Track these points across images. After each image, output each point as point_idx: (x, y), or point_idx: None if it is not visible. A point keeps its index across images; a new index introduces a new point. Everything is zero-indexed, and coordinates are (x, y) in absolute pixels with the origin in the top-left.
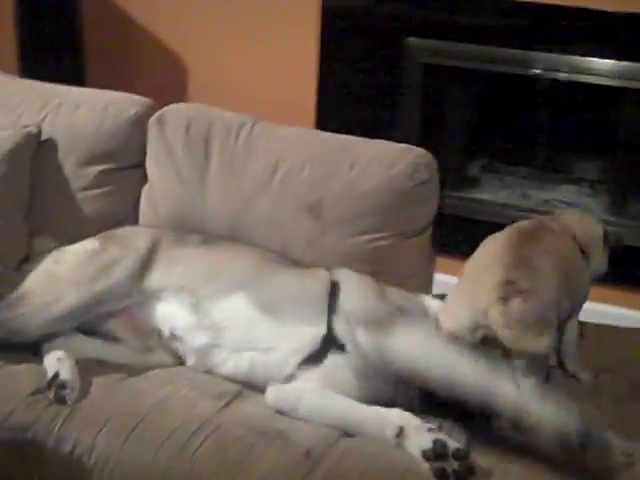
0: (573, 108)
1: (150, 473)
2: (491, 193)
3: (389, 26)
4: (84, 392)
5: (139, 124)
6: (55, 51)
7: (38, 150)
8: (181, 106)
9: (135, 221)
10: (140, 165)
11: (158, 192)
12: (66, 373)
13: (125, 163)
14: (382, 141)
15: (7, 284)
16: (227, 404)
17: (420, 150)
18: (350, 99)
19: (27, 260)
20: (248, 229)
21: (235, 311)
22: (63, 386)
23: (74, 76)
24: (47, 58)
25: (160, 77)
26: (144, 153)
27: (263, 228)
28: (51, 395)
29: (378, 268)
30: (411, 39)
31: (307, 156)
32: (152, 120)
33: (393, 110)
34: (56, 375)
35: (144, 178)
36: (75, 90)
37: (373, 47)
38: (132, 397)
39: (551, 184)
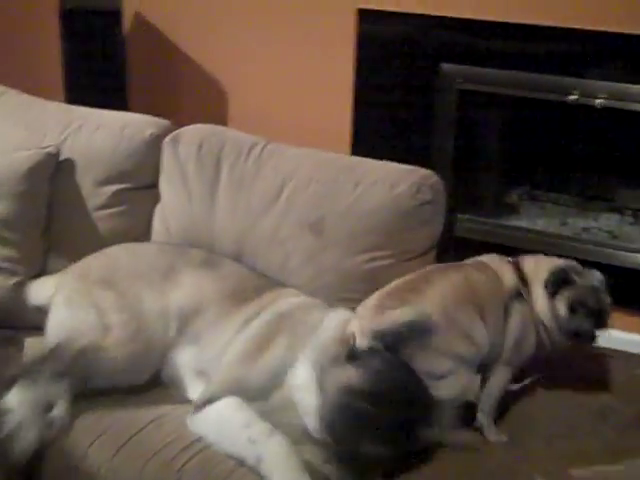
0: (614, 135)
1: None
2: (529, 221)
3: (424, 52)
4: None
5: (154, 145)
6: (99, 78)
7: (58, 169)
8: (196, 126)
9: (148, 239)
10: (154, 185)
11: (169, 209)
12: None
13: (140, 183)
14: (389, 163)
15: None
16: None
17: (426, 171)
18: (385, 125)
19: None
20: (252, 246)
21: None
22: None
23: (118, 102)
24: (92, 85)
25: (202, 103)
26: (158, 174)
27: (266, 245)
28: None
29: (377, 287)
30: (446, 65)
31: (313, 175)
32: (167, 140)
33: (428, 136)
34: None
35: (158, 198)
36: (97, 112)
37: (408, 73)
38: (130, 412)
39: (592, 212)
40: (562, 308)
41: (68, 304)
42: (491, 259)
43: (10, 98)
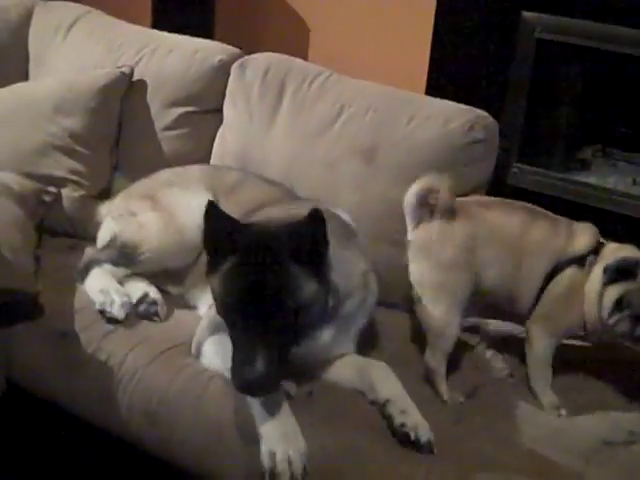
0: None
1: (166, 393)
2: (600, 178)
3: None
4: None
5: (222, 70)
6: (186, 5)
7: (130, 89)
8: (265, 54)
9: (208, 163)
10: (219, 110)
11: (229, 130)
12: (155, 294)
13: (205, 107)
14: (447, 101)
15: (89, 210)
16: None
17: (481, 112)
18: (461, 71)
19: (107, 192)
20: (303, 168)
21: None
22: (154, 303)
23: (203, 31)
24: (178, 12)
25: (284, 37)
26: (224, 99)
27: (317, 168)
28: (141, 309)
29: None
30: (526, 13)
31: (371, 104)
32: (235, 65)
33: (503, 85)
34: (146, 294)
35: (221, 122)
36: (172, 36)
37: (488, 20)
38: (172, 326)
39: None
40: (608, 300)
41: (112, 216)
42: (583, 226)
43: (94, 18)
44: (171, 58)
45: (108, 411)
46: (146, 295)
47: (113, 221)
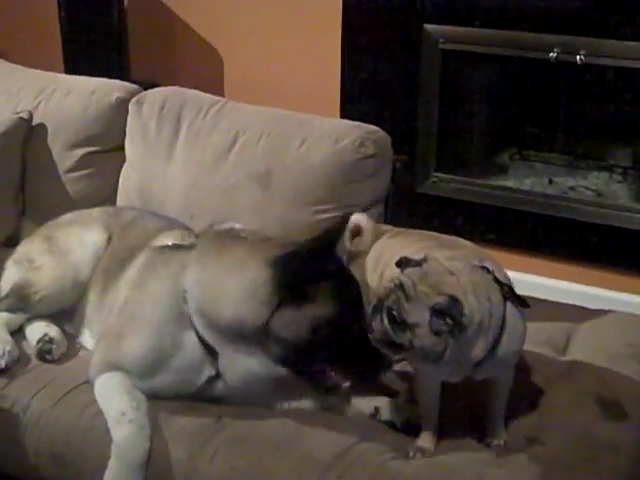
0: (600, 92)
1: (72, 433)
2: (517, 180)
3: (407, 14)
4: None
5: (121, 108)
6: (99, 46)
7: (31, 134)
8: (161, 88)
9: (114, 202)
10: (122, 148)
11: (131, 167)
12: (54, 333)
13: (107, 146)
14: (339, 119)
15: None
16: None
17: (372, 127)
18: (373, 87)
19: (15, 239)
20: (202, 196)
21: None
22: (50, 341)
23: (119, 70)
24: (90, 54)
25: (199, 69)
26: (125, 137)
27: (215, 195)
28: (37, 349)
29: None
30: (429, 26)
31: (264, 130)
32: (132, 102)
33: (414, 97)
34: (45, 334)
35: (124, 160)
36: (70, 78)
37: (393, 35)
38: (77, 365)
39: (581, 171)
40: None
41: (13, 260)
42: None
43: None
44: (69, 100)
45: (16, 458)
46: (45, 335)
47: (13, 267)
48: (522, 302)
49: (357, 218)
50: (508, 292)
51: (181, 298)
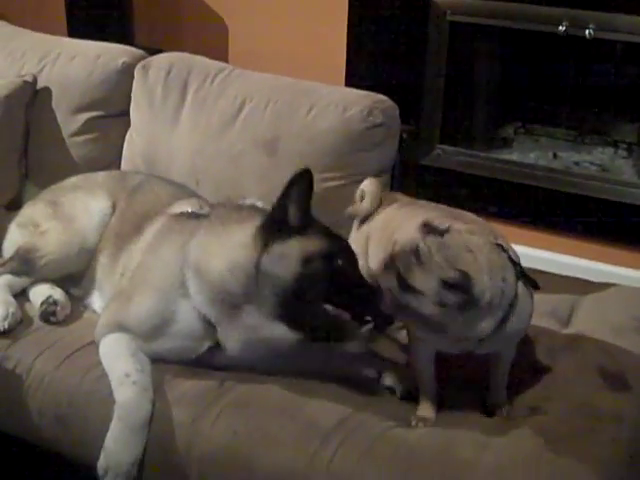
0: (607, 67)
1: (75, 395)
2: (521, 154)
3: None
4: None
5: (126, 73)
6: (103, 11)
7: (35, 98)
8: (167, 54)
9: (119, 166)
10: (126, 113)
11: (135, 132)
12: (58, 295)
13: (112, 111)
14: (347, 88)
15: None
16: None
17: (381, 96)
18: (379, 57)
19: (17, 202)
20: (208, 162)
21: None
22: (55, 303)
23: (122, 36)
24: (94, 18)
25: (203, 35)
26: (130, 102)
27: (221, 162)
28: (41, 311)
29: (326, 209)
30: None
31: (272, 96)
32: (138, 67)
33: (421, 68)
34: (50, 296)
35: (129, 126)
36: (76, 42)
37: (401, 6)
38: (80, 327)
39: (586, 146)
40: None
41: (17, 223)
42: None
43: None
44: (74, 64)
45: (19, 419)
46: (49, 297)
47: (17, 230)
48: (533, 283)
49: (364, 183)
50: (520, 272)
51: (185, 265)
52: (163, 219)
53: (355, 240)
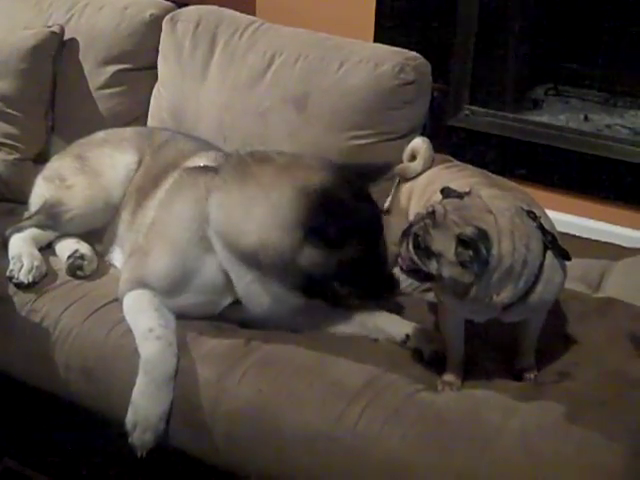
0: None
1: (102, 349)
2: (551, 116)
3: None
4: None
5: (154, 26)
6: None
7: (62, 49)
8: (196, 7)
9: (145, 121)
10: (154, 67)
11: (163, 86)
12: (85, 249)
13: (140, 64)
14: (378, 44)
15: (25, 173)
16: None
17: (412, 54)
18: (408, 15)
19: (44, 155)
20: (236, 118)
21: None
22: (82, 257)
23: None
24: None
25: None
26: (157, 55)
27: (249, 118)
28: (67, 265)
29: None
30: None
31: (302, 51)
32: (166, 19)
33: (451, 26)
34: (76, 250)
35: (157, 79)
36: None
37: None
38: (106, 282)
39: (618, 109)
40: None
41: (44, 177)
42: None
43: None
44: (102, 15)
45: (45, 371)
46: (75, 251)
47: (44, 184)
48: (564, 254)
49: (416, 142)
50: (551, 241)
51: (205, 222)
52: (176, 174)
53: (396, 197)
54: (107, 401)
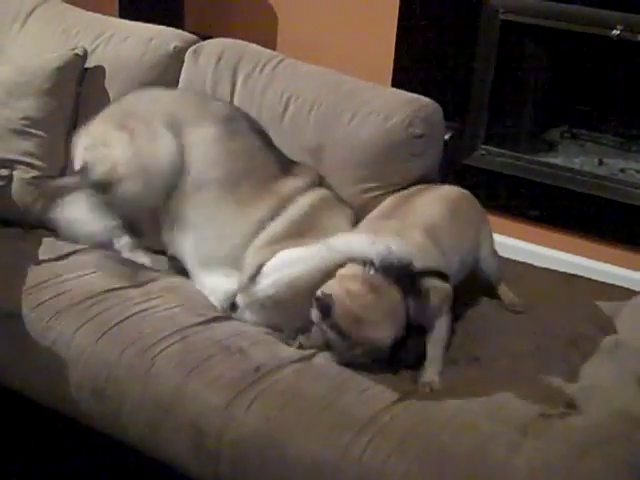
0: None
1: (115, 369)
2: (566, 159)
3: None
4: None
5: (178, 58)
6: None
7: (87, 75)
8: (219, 40)
9: None
10: None
11: None
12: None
13: None
14: (392, 90)
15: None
16: (204, 322)
17: (424, 101)
18: (427, 56)
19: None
20: None
21: None
22: None
23: (173, 20)
24: (146, 3)
25: (253, 24)
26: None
27: None
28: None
29: None
30: None
31: (317, 98)
32: (189, 52)
33: (469, 68)
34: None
35: None
36: (129, 23)
37: (452, 4)
38: (119, 302)
39: (633, 153)
40: None
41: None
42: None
43: (51, 6)
44: (127, 45)
45: (57, 391)
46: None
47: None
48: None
49: None
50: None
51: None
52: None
53: None
54: (115, 422)
